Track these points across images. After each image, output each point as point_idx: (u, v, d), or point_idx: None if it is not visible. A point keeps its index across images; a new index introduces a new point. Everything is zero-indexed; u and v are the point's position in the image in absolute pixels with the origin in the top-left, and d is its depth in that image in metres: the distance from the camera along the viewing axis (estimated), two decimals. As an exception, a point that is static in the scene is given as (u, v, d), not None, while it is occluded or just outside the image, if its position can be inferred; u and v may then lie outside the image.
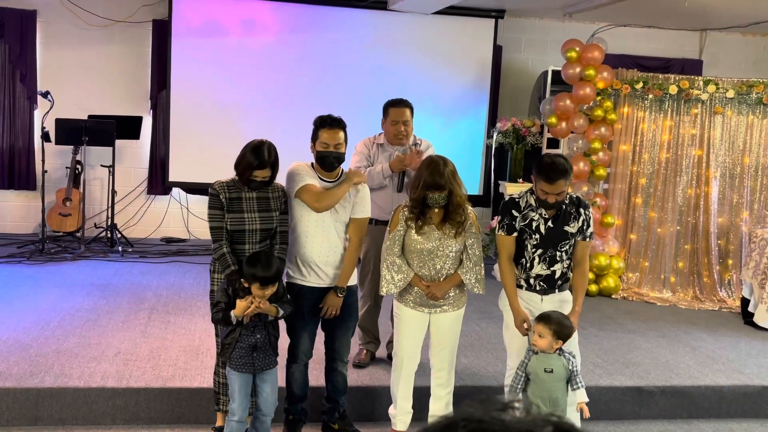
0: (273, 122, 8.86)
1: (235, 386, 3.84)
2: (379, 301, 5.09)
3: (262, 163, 3.84)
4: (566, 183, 3.94)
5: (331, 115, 4.13)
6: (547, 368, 3.79)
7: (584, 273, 4.17)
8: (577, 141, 7.52)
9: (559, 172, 3.88)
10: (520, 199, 4.11)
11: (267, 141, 3.96)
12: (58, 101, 8.24)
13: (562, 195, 3.98)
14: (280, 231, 4.03)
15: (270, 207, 3.99)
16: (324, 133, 4.07)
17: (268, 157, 3.88)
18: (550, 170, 3.89)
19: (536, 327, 3.82)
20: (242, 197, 3.94)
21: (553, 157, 3.99)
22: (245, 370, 3.83)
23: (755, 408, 5.08)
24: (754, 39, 10.02)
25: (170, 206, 9.09)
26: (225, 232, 3.92)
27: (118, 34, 8.77)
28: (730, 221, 7.61)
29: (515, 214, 4.08)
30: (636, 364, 5.37)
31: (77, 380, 4.45)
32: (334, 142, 4.06)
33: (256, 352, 3.83)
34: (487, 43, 9.19)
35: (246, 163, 3.86)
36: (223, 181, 3.98)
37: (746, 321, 6.73)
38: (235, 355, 3.83)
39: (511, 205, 4.11)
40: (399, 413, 4.23)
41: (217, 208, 3.93)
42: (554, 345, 3.79)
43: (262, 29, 8.79)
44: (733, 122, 7.57)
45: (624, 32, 9.63)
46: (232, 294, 3.82)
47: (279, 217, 4.02)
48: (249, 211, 3.94)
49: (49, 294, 6.29)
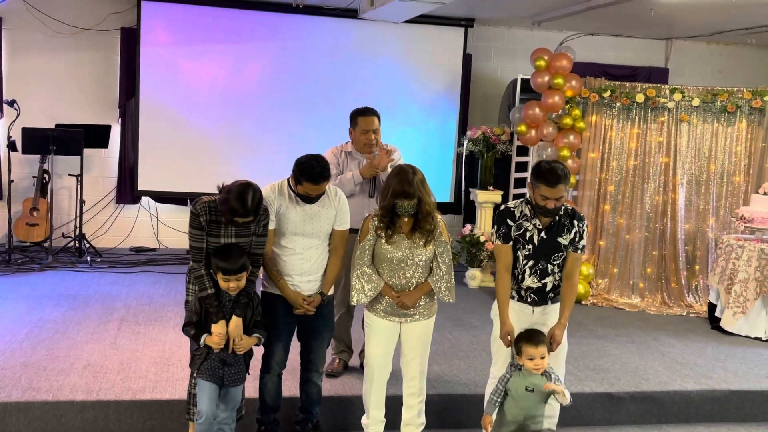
0: (242, 131, 8.84)
1: (204, 393, 3.84)
2: (351, 309, 5.09)
3: (246, 212, 3.74)
4: (565, 187, 3.96)
5: (315, 165, 3.94)
6: (529, 387, 3.80)
7: (574, 286, 4.11)
8: (546, 149, 7.59)
9: (558, 177, 3.89)
10: (515, 209, 4.09)
11: (252, 185, 3.78)
12: (24, 110, 8.14)
13: (562, 200, 3.98)
14: (253, 253, 3.96)
15: (248, 232, 3.93)
16: (307, 184, 3.96)
17: (252, 205, 3.74)
18: (550, 174, 3.90)
19: (535, 351, 3.78)
20: (221, 221, 3.88)
21: (551, 162, 4.00)
22: (214, 381, 3.84)
23: (722, 412, 5.15)
24: (718, 47, 10.19)
25: (139, 215, 9.02)
26: (204, 252, 3.90)
27: (85, 41, 8.69)
28: (697, 227, 7.72)
29: (510, 224, 4.07)
30: (606, 370, 5.42)
31: (46, 393, 4.39)
32: (317, 193, 4.02)
33: (227, 367, 3.84)
34: (457, 52, 9.25)
35: (230, 207, 3.74)
36: (206, 201, 3.90)
37: (713, 326, 6.83)
38: (205, 366, 3.83)
39: (506, 214, 4.10)
40: (372, 422, 4.23)
41: (197, 228, 3.89)
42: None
43: (231, 38, 8.76)
44: (699, 130, 7.69)
45: (591, 41, 9.75)
46: (204, 315, 3.82)
47: (256, 240, 3.97)
48: (227, 237, 3.89)
49: (16, 305, 6.20)
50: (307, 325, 4.19)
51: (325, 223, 4.13)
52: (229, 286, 3.81)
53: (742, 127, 7.65)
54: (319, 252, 4.14)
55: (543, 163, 4.00)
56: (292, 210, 4.06)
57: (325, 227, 4.13)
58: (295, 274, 4.09)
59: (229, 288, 3.81)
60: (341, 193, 4.25)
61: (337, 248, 4.21)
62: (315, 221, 4.09)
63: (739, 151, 7.67)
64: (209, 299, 3.83)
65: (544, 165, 3.97)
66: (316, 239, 4.11)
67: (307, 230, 4.09)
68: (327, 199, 4.14)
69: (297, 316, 4.13)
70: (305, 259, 4.10)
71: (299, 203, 4.08)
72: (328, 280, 4.19)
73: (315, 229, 4.10)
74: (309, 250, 4.10)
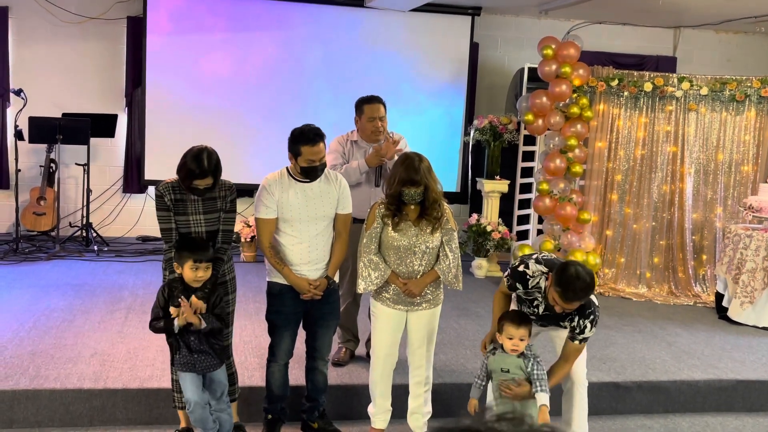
0: (248, 119, 8.83)
1: (186, 382, 3.87)
2: (358, 299, 5.09)
3: (202, 172, 3.77)
4: (582, 302, 3.63)
5: (309, 128, 4.00)
6: (504, 368, 3.81)
7: (565, 368, 3.90)
8: (554, 138, 7.57)
9: (578, 294, 3.54)
10: (531, 279, 3.80)
11: (207, 148, 3.87)
12: (31, 99, 8.15)
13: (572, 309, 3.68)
14: (222, 230, 3.98)
15: (216, 207, 3.95)
16: (306, 149, 3.96)
17: (208, 165, 3.79)
18: (568, 287, 3.52)
19: (515, 331, 3.75)
20: (186, 199, 3.90)
21: (579, 271, 3.53)
22: (188, 369, 3.85)
23: (729, 402, 5.15)
24: (727, 36, 10.13)
25: (146, 204, 9.03)
26: (175, 232, 3.91)
27: (92, 30, 8.68)
28: (705, 217, 7.69)
29: (519, 288, 3.86)
30: (613, 360, 5.41)
31: (53, 382, 4.41)
32: (318, 156, 3.99)
33: (196, 354, 3.84)
34: (464, 41, 9.22)
35: (186, 170, 3.79)
36: (168, 182, 3.93)
37: (720, 316, 6.81)
38: (177, 358, 3.88)
39: (519, 278, 3.84)
40: (378, 411, 4.24)
41: (163, 209, 3.91)
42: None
43: (237, 26, 8.74)
44: (707, 119, 7.65)
45: (599, 29, 9.70)
46: (167, 298, 3.81)
47: (224, 217, 3.99)
48: (194, 213, 3.91)
49: (23, 294, 6.22)
50: (313, 314, 4.19)
51: (328, 205, 4.11)
52: (197, 275, 3.76)
53: (750, 116, 7.61)
54: (325, 239, 4.13)
55: (571, 267, 3.57)
56: (293, 195, 4.05)
57: (328, 210, 4.12)
58: (303, 263, 4.08)
59: (197, 277, 3.76)
60: (341, 177, 4.24)
61: (341, 232, 4.20)
62: (318, 204, 4.08)
63: (747, 141, 7.63)
64: (175, 282, 3.83)
65: (570, 271, 3.55)
66: (321, 224, 4.09)
67: (311, 214, 4.06)
68: (328, 181, 4.13)
69: (304, 304, 4.12)
70: (312, 248, 4.09)
71: (300, 187, 4.06)
72: (333, 264, 4.18)
73: (318, 213, 4.08)
74: (315, 238, 4.09)
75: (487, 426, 1.06)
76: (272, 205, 4.04)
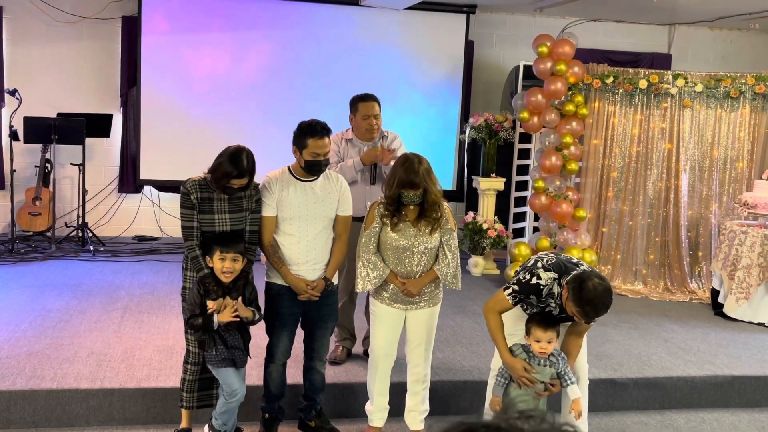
0: (243, 119, 8.82)
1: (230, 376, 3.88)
2: (354, 297, 5.10)
3: (241, 172, 3.79)
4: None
5: (317, 121, 4.03)
6: (540, 380, 3.78)
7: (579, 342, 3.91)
8: (549, 135, 7.57)
9: (600, 313, 3.49)
10: (545, 288, 3.71)
11: (245, 148, 3.88)
12: (26, 99, 8.13)
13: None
14: (249, 230, 3.99)
15: (242, 207, 3.95)
16: (312, 142, 3.96)
17: (247, 165, 3.82)
18: (590, 308, 3.47)
19: (543, 334, 3.72)
20: (213, 197, 3.89)
21: (597, 286, 3.45)
22: (228, 364, 3.87)
23: (725, 398, 5.16)
24: (721, 33, 10.15)
25: (142, 204, 9.02)
26: (197, 231, 3.89)
27: (86, 30, 8.67)
28: (700, 213, 7.71)
29: (531, 301, 3.77)
30: (609, 356, 5.43)
31: (50, 382, 4.41)
32: (323, 151, 4.00)
33: (232, 350, 3.87)
34: (459, 39, 9.22)
35: (223, 171, 3.79)
36: (196, 179, 3.92)
37: (716, 312, 6.83)
38: (215, 352, 3.86)
39: (532, 290, 3.74)
40: (376, 410, 4.24)
41: (188, 207, 3.89)
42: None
43: (232, 25, 8.73)
44: (702, 116, 7.66)
45: (594, 27, 9.71)
46: (203, 294, 3.81)
47: (250, 217, 3.99)
48: (220, 212, 3.90)
49: (19, 295, 6.21)
50: (311, 315, 4.19)
51: (328, 206, 4.11)
52: (224, 266, 3.77)
53: (745, 112, 7.62)
54: (323, 240, 4.13)
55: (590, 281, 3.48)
56: (293, 193, 4.05)
57: (329, 211, 4.12)
58: (301, 262, 4.08)
59: (224, 268, 3.78)
60: (342, 179, 4.25)
61: (340, 234, 4.20)
62: (318, 203, 4.08)
63: (742, 137, 7.65)
64: (207, 278, 3.82)
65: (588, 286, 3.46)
66: (320, 224, 4.09)
67: (310, 213, 4.06)
68: (329, 181, 4.14)
69: (302, 305, 4.12)
70: (310, 248, 4.09)
71: (301, 185, 4.06)
72: (332, 266, 4.18)
73: (318, 212, 4.07)
74: (314, 238, 4.09)
75: (509, 423, 1.06)
76: (272, 202, 4.04)
